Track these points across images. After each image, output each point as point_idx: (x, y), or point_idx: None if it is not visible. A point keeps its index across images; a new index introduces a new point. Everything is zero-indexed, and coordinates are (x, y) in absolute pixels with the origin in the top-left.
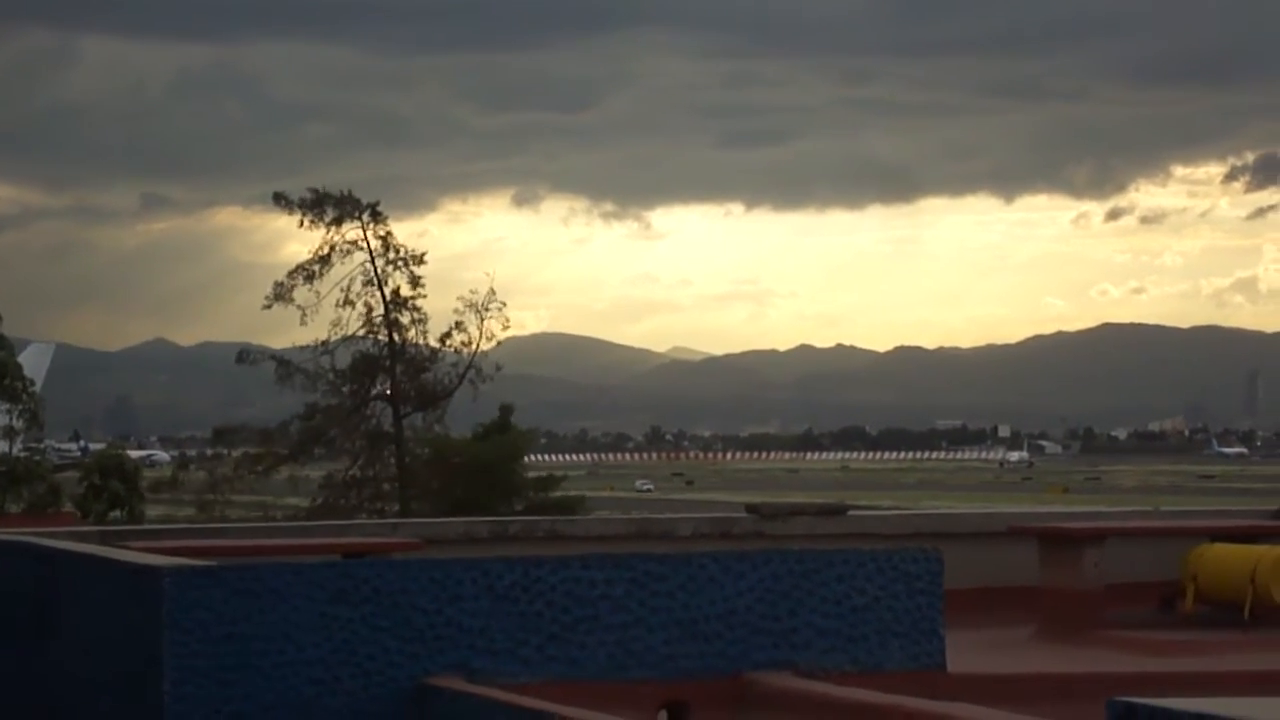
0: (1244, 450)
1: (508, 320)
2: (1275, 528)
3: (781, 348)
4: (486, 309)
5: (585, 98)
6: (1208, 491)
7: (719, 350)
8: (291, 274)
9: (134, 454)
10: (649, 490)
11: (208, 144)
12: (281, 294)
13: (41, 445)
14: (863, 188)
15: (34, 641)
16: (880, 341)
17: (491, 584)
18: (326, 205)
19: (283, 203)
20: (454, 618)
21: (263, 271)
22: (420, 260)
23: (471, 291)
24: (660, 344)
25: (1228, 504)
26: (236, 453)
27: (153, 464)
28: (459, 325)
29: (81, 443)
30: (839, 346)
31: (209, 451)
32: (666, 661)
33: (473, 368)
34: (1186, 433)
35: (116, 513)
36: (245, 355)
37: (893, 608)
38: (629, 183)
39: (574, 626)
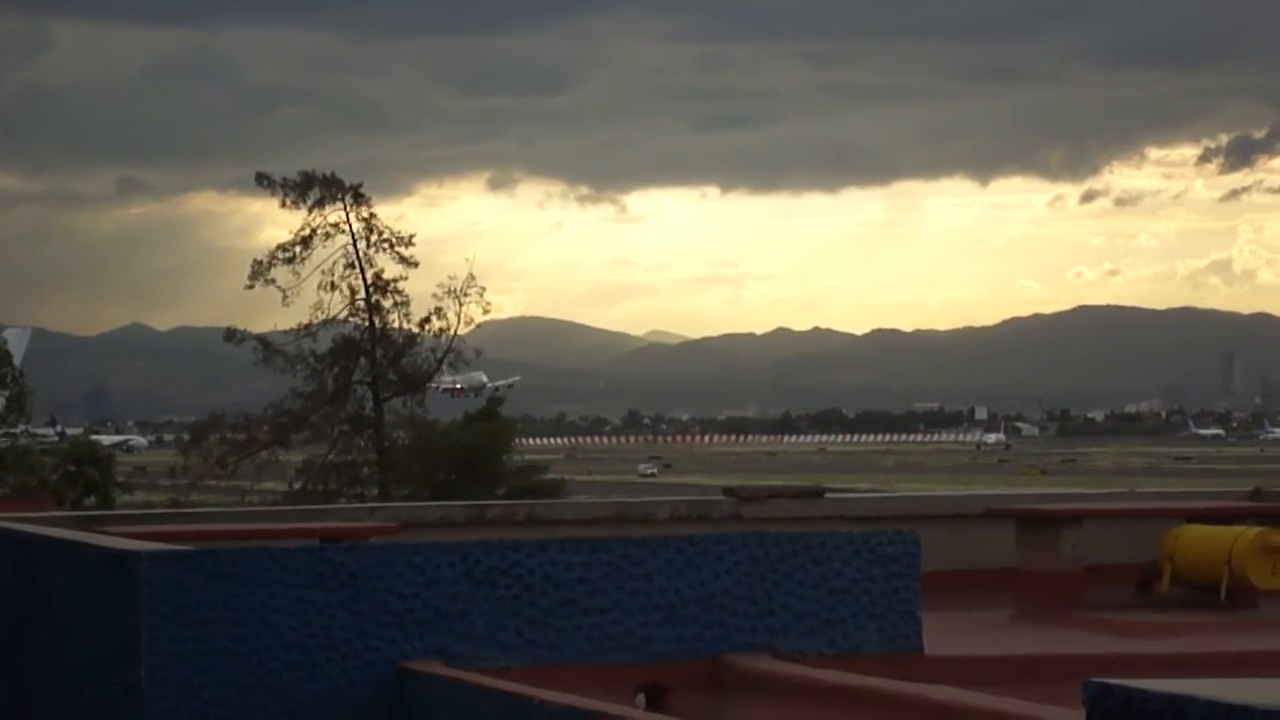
0: (1220, 432)
1: (487, 305)
2: (1252, 509)
3: (759, 331)
4: (465, 294)
5: (559, 81)
6: (1184, 473)
7: (696, 334)
8: (273, 254)
9: (111, 439)
10: (653, 475)
11: (183, 129)
12: (261, 272)
13: (17, 430)
14: (838, 171)
15: (12, 628)
16: (857, 324)
17: (469, 568)
18: (311, 187)
19: (265, 183)
20: (432, 602)
21: (239, 256)
22: (409, 242)
23: (450, 277)
24: (637, 328)
25: (1204, 485)
26: (218, 439)
27: (130, 449)
28: (438, 311)
29: (58, 427)
30: (816, 329)
31: (186, 437)
32: (644, 645)
33: (451, 352)
34: (1163, 414)
35: (92, 499)
36: (233, 336)
37: (870, 590)
38: (604, 166)
39: (552, 610)
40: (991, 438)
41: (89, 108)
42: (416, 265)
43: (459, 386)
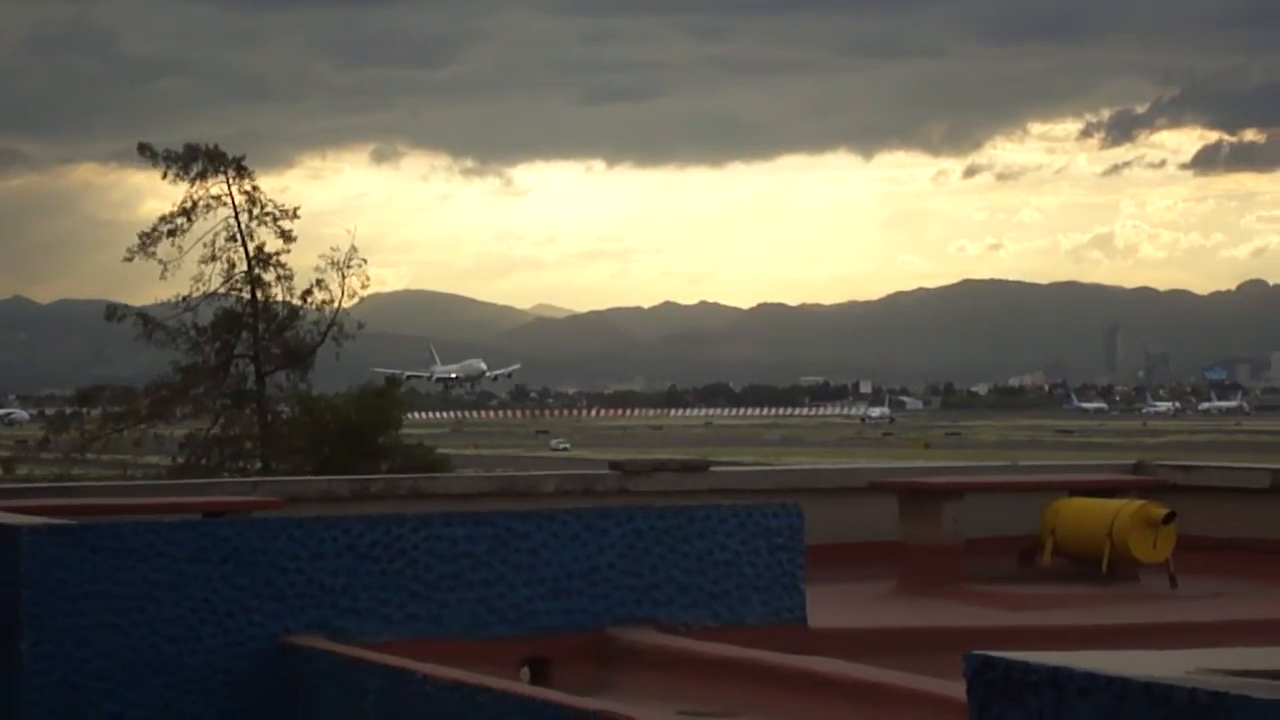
0: (1103, 405)
1: (367, 277)
2: (1133, 482)
3: (646, 305)
4: (348, 266)
5: (443, 53)
6: (1067, 446)
7: (583, 307)
8: (155, 226)
9: None
10: (566, 449)
11: (63, 100)
12: (146, 245)
13: None
14: (723, 145)
15: None
16: (744, 299)
17: (353, 542)
18: (194, 159)
19: (148, 154)
20: (315, 576)
21: (121, 228)
22: (292, 215)
23: (332, 249)
24: (524, 301)
25: (1086, 459)
26: (98, 412)
27: (12, 423)
28: (320, 283)
29: None
30: (703, 304)
31: (68, 410)
32: (529, 618)
33: (334, 325)
34: (1046, 388)
35: None
36: (114, 313)
37: (754, 563)
38: (489, 139)
39: (436, 584)
40: (876, 411)
41: None
42: (295, 239)
43: (454, 375)
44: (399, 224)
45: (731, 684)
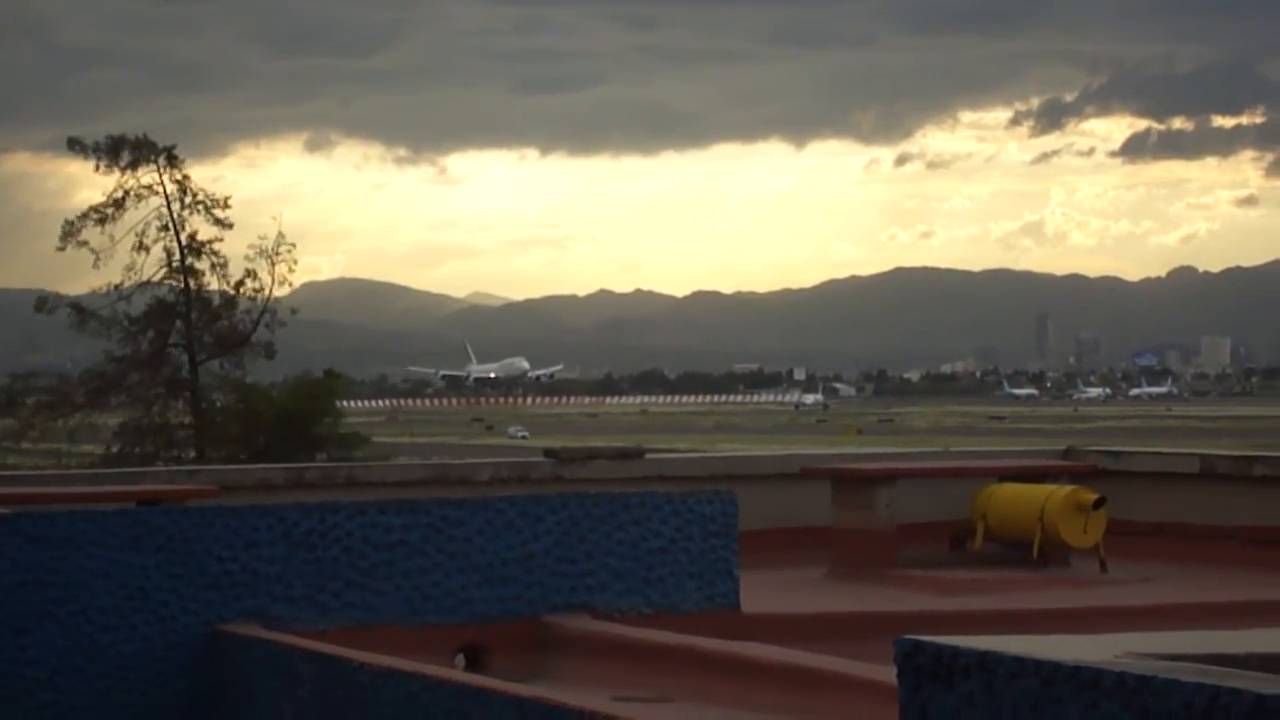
0: (1034, 391)
1: (294, 263)
2: (1064, 468)
3: (580, 293)
4: (276, 254)
5: (375, 42)
6: (998, 432)
7: (518, 295)
8: (83, 216)
9: None
10: (524, 437)
11: None
12: (71, 233)
13: None
14: (656, 134)
15: None
16: (678, 286)
17: (288, 530)
18: (122, 150)
19: (77, 148)
20: (250, 564)
21: (55, 218)
22: (224, 204)
23: (261, 237)
24: (459, 289)
25: (1018, 445)
26: (31, 400)
27: None
28: (250, 273)
29: None
30: (638, 291)
31: (2, 399)
32: (464, 606)
33: (267, 313)
34: (978, 375)
35: None
36: (44, 304)
37: (688, 549)
38: (423, 128)
39: (371, 572)
40: (810, 398)
41: None
42: (231, 226)
43: (493, 375)
44: (333, 212)
45: (665, 669)
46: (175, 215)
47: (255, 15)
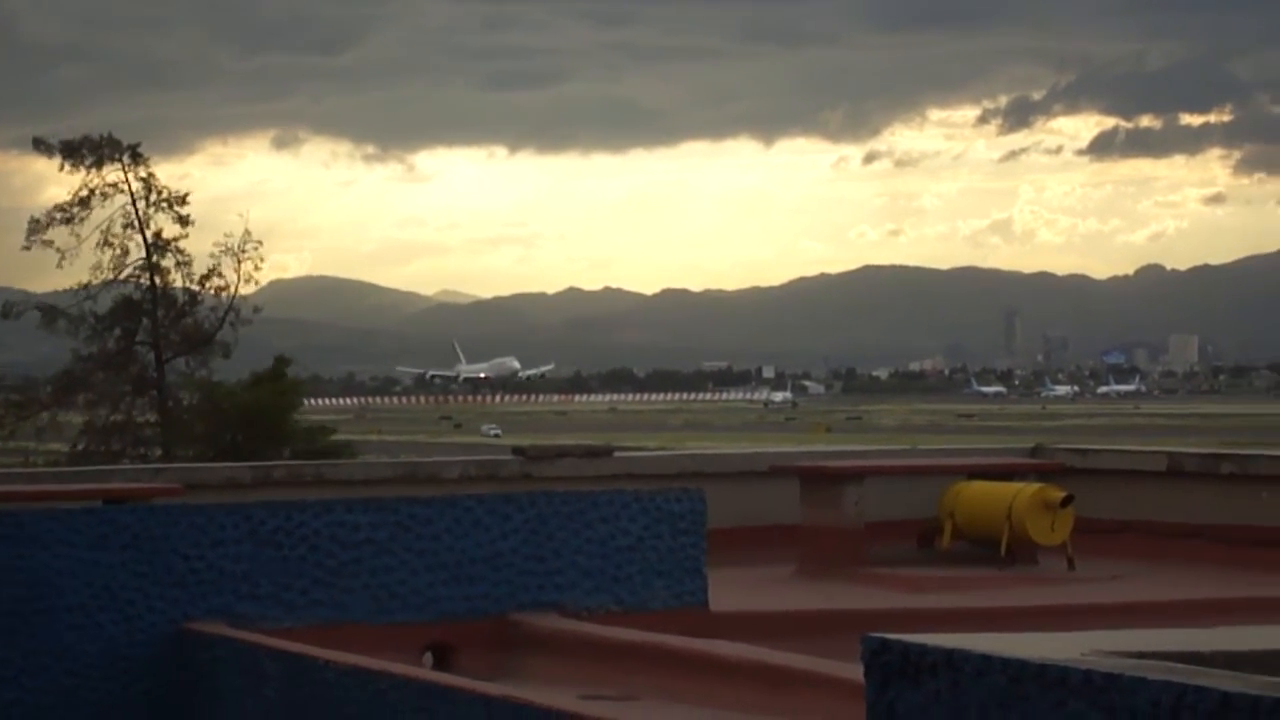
0: (1002, 389)
1: (260, 260)
2: (1032, 466)
3: (550, 291)
4: (242, 251)
5: (343, 40)
6: (966, 430)
7: (487, 293)
8: (49, 214)
9: None
10: (497, 435)
11: None
12: (37, 231)
13: None
14: (625, 131)
15: None
16: (647, 284)
17: (254, 528)
18: (86, 149)
19: (42, 147)
20: (216, 563)
21: (22, 216)
22: (183, 201)
23: (227, 235)
24: (428, 287)
25: (986, 442)
26: None
27: None
28: (215, 270)
29: None
30: (607, 289)
31: None
32: (431, 604)
33: (232, 310)
34: (946, 372)
35: None
36: (9, 310)
37: (656, 547)
38: (391, 125)
39: (338, 571)
40: (778, 396)
41: None
42: (191, 223)
43: (483, 375)
44: (302, 209)
45: (633, 668)
46: (140, 213)
47: (224, 12)
